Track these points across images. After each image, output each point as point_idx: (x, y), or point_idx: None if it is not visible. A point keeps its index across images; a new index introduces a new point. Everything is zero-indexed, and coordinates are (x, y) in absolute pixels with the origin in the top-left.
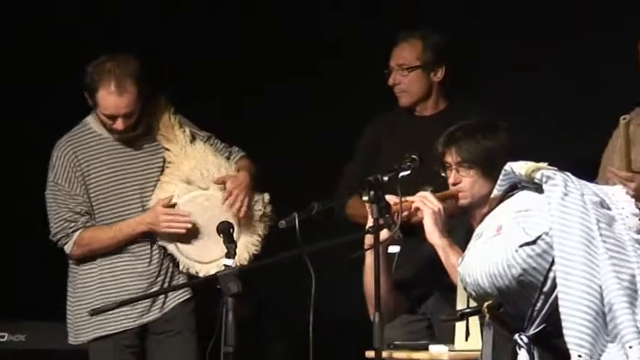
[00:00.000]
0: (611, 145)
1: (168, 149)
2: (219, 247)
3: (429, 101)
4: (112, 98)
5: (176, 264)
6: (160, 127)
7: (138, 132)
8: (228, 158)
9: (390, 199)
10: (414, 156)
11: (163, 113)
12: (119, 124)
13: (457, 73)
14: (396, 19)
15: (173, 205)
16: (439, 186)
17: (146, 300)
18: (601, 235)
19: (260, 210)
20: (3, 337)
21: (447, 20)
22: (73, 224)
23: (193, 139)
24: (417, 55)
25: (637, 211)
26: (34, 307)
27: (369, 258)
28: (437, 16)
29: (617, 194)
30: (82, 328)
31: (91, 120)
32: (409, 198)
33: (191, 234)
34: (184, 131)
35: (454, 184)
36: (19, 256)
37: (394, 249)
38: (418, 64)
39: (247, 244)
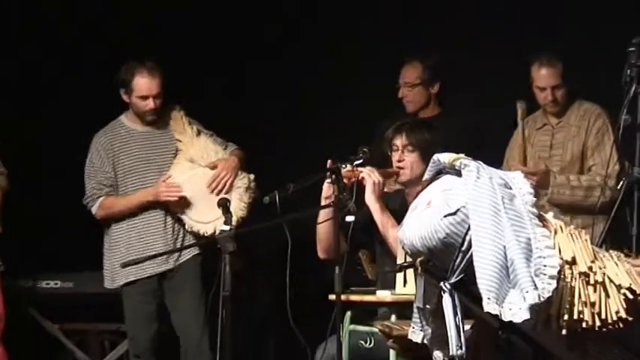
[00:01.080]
0: (512, 142)
1: (179, 140)
2: (214, 210)
3: (428, 108)
4: (145, 81)
5: (183, 225)
6: (172, 124)
7: (160, 124)
8: (225, 149)
9: (346, 169)
10: (365, 149)
11: (175, 114)
12: (151, 103)
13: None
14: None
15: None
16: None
17: (164, 252)
18: (505, 208)
19: (246, 184)
20: (56, 284)
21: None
22: (98, 192)
23: (199, 133)
24: (418, 75)
25: (532, 190)
26: (79, 260)
27: (323, 216)
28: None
29: (517, 178)
30: (115, 275)
31: (123, 117)
32: (360, 168)
33: (193, 201)
34: (192, 127)
35: (398, 161)
36: (68, 221)
37: (350, 218)
38: (419, 82)
39: (236, 209)
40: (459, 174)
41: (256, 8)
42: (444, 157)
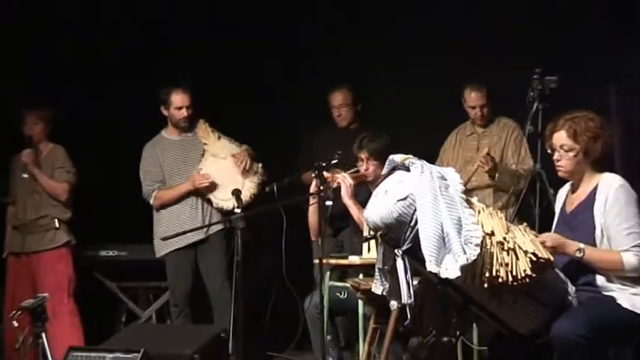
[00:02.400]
0: (445, 144)
1: (205, 144)
2: (229, 191)
3: (354, 123)
4: (179, 96)
5: (210, 203)
6: (199, 133)
7: (190, 130)
8: (239, 147)
9: (327, 174)
10: (339, 152)
11: (201, 125)
12: (184, 113)
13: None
14: None
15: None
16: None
17: (196, 228)
18: (442, 194)
19: (256, 170)
20: (114, 253)
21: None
22: (151, 188)
23: (219, 137)
24: (347, 98)
25: (462, 181)
26: (130, 236)
27: (313, 207)
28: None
29: (450, 173)
30: (162, 246)
31: (163, 132)
32: (336, 175)
33: (217, 184)
34: (214, 133)
35: (365, 170)
36: (122, 206)
37: (329, 203)
38: (349, 103)
39: (249, 188)
40: (408, 169)
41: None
42: (397, 157)
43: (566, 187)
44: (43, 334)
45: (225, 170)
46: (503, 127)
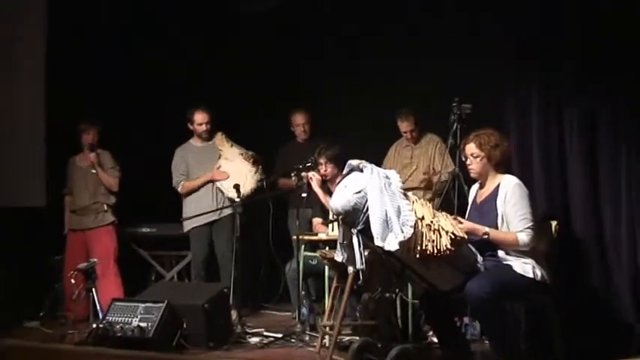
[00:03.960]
0: (389, 153)
1: (221, 150)
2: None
3: (309, 136)
4: (200, 115)
5: (223, 193)
6: (217, 142)
7: (210, 140)
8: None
9: (304, 175)
10: (311, 158)
11: (219, 136)
12: (203, 127)
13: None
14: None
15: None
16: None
17: (211, 211)
18: (386, 189)
19: (256, 172)
20: (147, 229)
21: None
22: (179, 179)
23: (232, 145)
24: (305, 119)
25: (401, 179)
26: (159, 216)
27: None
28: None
29: (392, 173)
30: (187, 224)
31: (192, 140)
32: (310, 173)
33: (227, 179)
34: (229, 143)
35: (325, 171)
36: (155, 194)
37: (304, 194)
38: (307, 122)
39: (251, 183)
40: (361, 171)
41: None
42: (354, 162)
43: (476, 185)
44: (93, 289)
45: (234, 170)
46: (430, 141)
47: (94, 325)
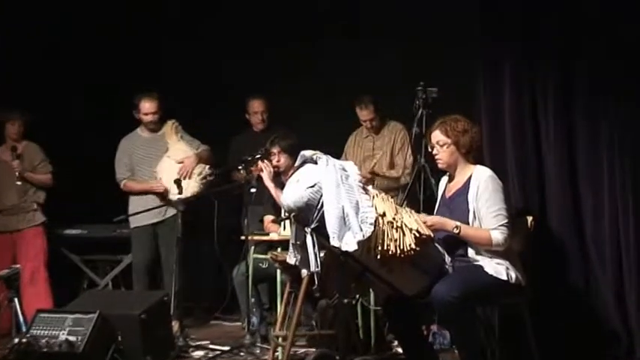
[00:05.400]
0: (348, 143)
1: (168, 142)
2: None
3: (265, 127)
4: (147, 103)
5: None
6: (165, 132)
7: (158, 130)
8: (197, 149)
9: (254, 167)
10: (262, 149)
11: (167, 126)
12: (150, 118)
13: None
14: None
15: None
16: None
17: (155, 209)
18: (343, 183)
19: (201, 173)
20: (78, 231)
21: None
22: (123, 176)
23: (180, 138)
24: (264, 106)
25: (359, 172)
26: (92, 216)
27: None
28: None
29: (349, 166)
30: (131, 221)
31: (138, 129)
32: (260, 163)
33: (168, 181)
34: (177, 134)
35: (277, 162)
36: (87, 194)
37: (253, 190)
38: (265, 110)
39: (193, 186)
40: (315, 163)
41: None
42: (307, 153)
43: (445, 177)
44: (16, 299)
45: (174, 168)
46: (392, 129)
47: (16, 340)
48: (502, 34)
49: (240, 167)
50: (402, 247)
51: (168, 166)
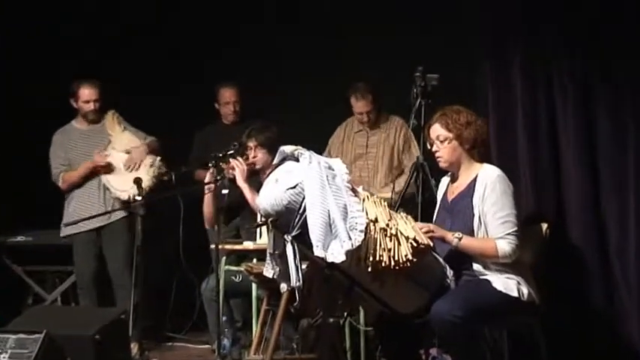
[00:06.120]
0: (334, 138)
1: (110, 134)
2: (128, 183)
3: (238, 119)
4: (87, 90)
5: (110, 192)
6: (106, 123)
7: (99, 121)
8: (144, 139)
9: (226, 165)
10: (235, 143)
11: (109, 116)
12: (91, 106)
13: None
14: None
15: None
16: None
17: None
18: (329, 183)
19: (151, 163)
20: (21, 238)
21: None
22: (58, 170)
23: (124, 129)
24: (236, 95)
25: (347, 171)
26: (36, 222)
27: (208, 198)
28: None
29: (337, 163)
30: (65, 229)
31: (73, 121)
32: (232, 160)
33: (114, 175)
34: (120, 125)
35: (253, 157)
36: (29, 197)
37: (225, 191)
38: (237, 100)
39: (145, 182)
40: (297, 160)
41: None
42: (287, 148)
43: (447, 177)
44: None
45: (121, 161)
46: (392, 125)
47: None
48: (510, 16)
49: (210, 164)
50: (396, 258)
51: (113, 159)
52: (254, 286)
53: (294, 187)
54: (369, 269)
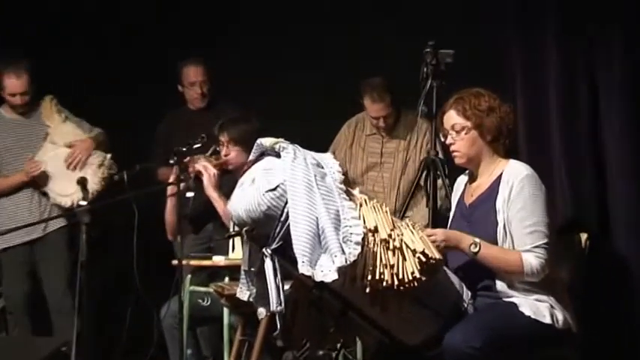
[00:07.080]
0: (340, 138)
1: (48, 125)
2: (72, 185)
3: (209, 102)
4: (12, 81)
5: (48, 198)
6: (43, 112)
7: (30, 110)
8: (90, 132)
9: (187, 160)
10: (203, 135)
11: (46, 104)
12: (18, 100)
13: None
14: None
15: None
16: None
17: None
18: (317, 184)
19: (100, 162)
20: None
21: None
22: None
23: (65, 119)
24: (204, 74)
25: (341, 169)
26: None
27: (170, 203)
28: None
29: (328, 159)
30: None
31: (1, 109)
32: (196, 165)
33: (55, 177)
34: (60, 114)
35: (225, 155)
36: None
37: (190, 194)
38: (206, 81)
39: (91, 184)
40: (278, 155)
41: None
42: (266, 141)
43: (464, 176)
44: None
45: (62, 160)
46: (412, 127)
47: None
48: None
49: (172, 161)
50: (400, 277)
51: (53, 154)
52: (226, 311)
53: (275, 189)
54: (367, 290)
